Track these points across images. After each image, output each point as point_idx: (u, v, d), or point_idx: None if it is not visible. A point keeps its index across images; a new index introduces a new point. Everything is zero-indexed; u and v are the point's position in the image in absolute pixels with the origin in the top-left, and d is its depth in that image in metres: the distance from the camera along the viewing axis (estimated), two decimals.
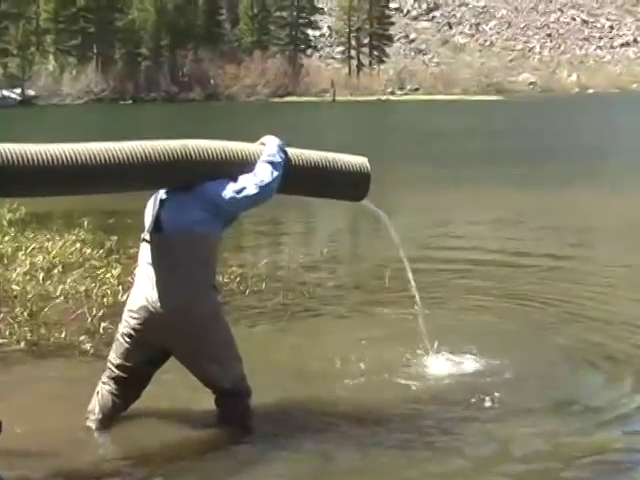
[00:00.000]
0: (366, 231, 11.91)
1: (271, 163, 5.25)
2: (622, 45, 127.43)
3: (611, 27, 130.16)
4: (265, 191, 5.21)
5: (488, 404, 5.80)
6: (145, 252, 5.25)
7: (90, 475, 4.85)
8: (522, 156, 24.08)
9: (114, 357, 5.34)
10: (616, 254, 10.61)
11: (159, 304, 5.13)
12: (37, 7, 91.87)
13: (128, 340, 5.25)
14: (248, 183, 5.18)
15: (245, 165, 5.25)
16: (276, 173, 5.24)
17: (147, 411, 5.48)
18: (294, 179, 5.40)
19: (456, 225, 13.21)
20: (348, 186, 5.66)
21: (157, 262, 5.16)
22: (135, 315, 5.21)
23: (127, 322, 5.26)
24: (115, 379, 5.33)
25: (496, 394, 5.90)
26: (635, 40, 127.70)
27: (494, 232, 12.42)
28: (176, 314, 5.12)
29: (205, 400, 5.42)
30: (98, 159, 4.91)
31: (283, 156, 5.31)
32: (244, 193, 5.17)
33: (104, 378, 5.38)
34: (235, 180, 5.19)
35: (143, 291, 5.20)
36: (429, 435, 5.37)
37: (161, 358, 5.36)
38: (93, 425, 5.34)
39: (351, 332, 7.42)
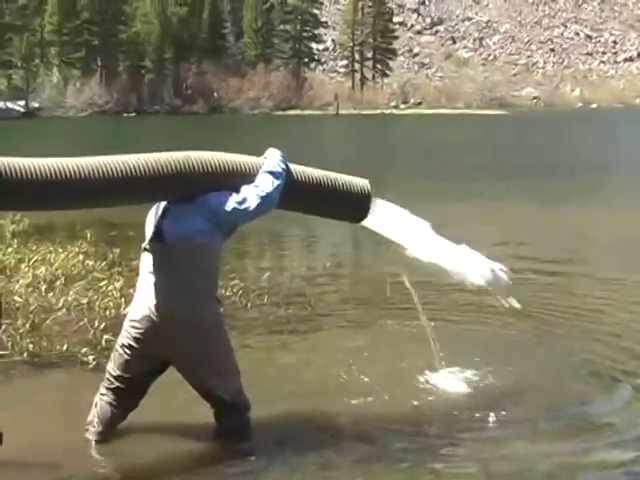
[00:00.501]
0: (367, 244, 11.90)
1: (272, 173, 5.28)
2: (625, 60, 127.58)
3: (614, 42, 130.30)
4: (266, 201, 5.23)
5: (492, 420, 5.80)
6: (146, 261, 5.27)
7: None
8: (523, 170, 24.08)
9: (113, 368, 5.35)
10: (613, 268, 10.61)
11: (160, 313, 5.14)
12: (41, 19, 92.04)
13: (128, 352, 5.26)
14: (249, 194, 5.20)
15: (247, 177, 5.28)
16: (277, 182, 5.26)
17: (146, 424, 5.49)
18: (295, 194, 5.42)
19: (457, 238, 13.19)
20: (348, 206, 5.67)
21: (158, 271, 5.18)
22: (137, 325, 5.22)
23: (128, 332, 5.26)
24: (113, 390, 5.33)
25: (501, 411, 5.90)
26: (639, 55, 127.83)
27: (494, 245, 12.41)
28: (177, 324, 5.14)
29: (204, 413, 5.42)
30: (100, 173, 4.93)
31: (284, 166, 5.34)
32: (246, 204, 5.19)
33: (102, 389, 5.39)
34: (237, 191, 5.22)
35: (145, 300, 5.21)
36: (430, 452, 5.36)
37: (160, 369, 5.36)
38: (92, 437, 5.35)
39: (353, 346, 7.42)
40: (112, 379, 5.34)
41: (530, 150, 32.90)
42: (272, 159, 5.37)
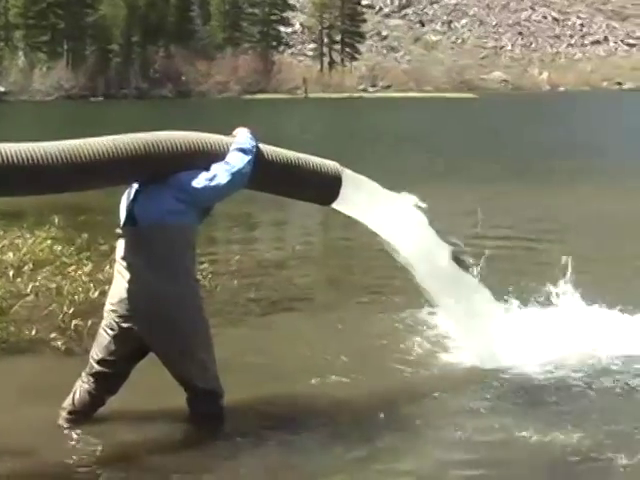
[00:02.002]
0: (337, 228, 11.91)
1: (242, 150, 5.27)
2: (593, 43, 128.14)
3: (582, 25, 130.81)
4: (237, 177, 5.21)
5: (464, 399, 5.84)
6: (121, 246, 5.24)
7: (58, 472, 4.84)
8: (492, 152, 24.18)
9: (96, 352, 5.33)
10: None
11: (139, 297, 5.14)
12: (6, 2, 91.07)
13: (109, 335, 5.24)
14: (220, 171, 5.18)
15: (217, 155, 5.26)
16: (247, 158, 5.24)
17: (119, 410, 5.46)
18: (266, 173, 5.41)
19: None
20: (318, 187, 5.66)
21: (134, 255, 5.16)
22: (115, 308, 5.21)
23: (108, 315, 5.26)
24: (95, 375, 5.31)
25: (476, 390, 5.95)
26: (605, 38, 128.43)
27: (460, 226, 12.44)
28: (157, 306, 5.13)
29: (179, 399, 5.39)
30: (67, 157, 4.88)
31: (254, 143, 5.33)
32: (216, 181, 5.16)
33: (83, 376, 5.36)
34: (208, 169, 5.21)
35: (123, 284, 5.19)
36: (400, 432, 5.37)
37: (141, 352, 5.34)
38: (66, 422, 5.33)
39: (322, 328, 7.46)
40: (94, 364, 5.32)
41: (496, 133, 32.99)
42: (241, 136, 5.36)
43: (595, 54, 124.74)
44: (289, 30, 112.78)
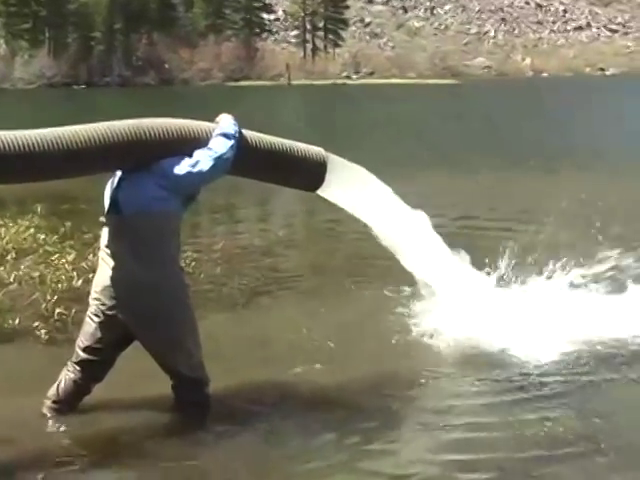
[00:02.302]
0: (321, 214, 11.89)
1: (224, 135, 5.24)
2: (575, 29, 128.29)
3: (564, 11, 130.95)
4: (219, 162, 5.18)
5: (449, 381, 5.89)
6: (105, 234, 5.23)
7: (42, 461, 4.83)
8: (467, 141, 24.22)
9: (81, 340, 5.32)
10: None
11: (124, 284, 5.13)
12: None
13: (96, 320, 5.23)
14: (202, 156, 5.15)
15: (200, 141, 5.23)
16: (230, 143, 5.21)
17: (103, 398, 5.45)
18: (250, 159, 5.39)
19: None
20: (303, 173, 5.64)
21: (118, 243, 5.14)
22: (99, 297, 5.21)
23: (93, 303, 5.25)
24: (80, 363, 5.30)
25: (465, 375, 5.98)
26: (588, 24, 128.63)
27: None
28: (142, 294, 5.12)
29: (164, 388, 5.39)
30: (51, 145, 4.86)
31: (237, 129, 5.31)
32: (199, 166, 5.13)
33: (69, 365, 5.36)
34: (191, 155, 5.19)
35: (107, 272, 5.18)
36: (389, 416, 5.39)
37: (126, 340, 5.32)
38: (50, 411, 5.33)
39: (306, 313, 7.46)
40: (80, 352, 5.31)
41: (478, 120, 33.02)
42: (225, 122, 5.34)
43: (578, 40, 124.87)
44: (272, 17, 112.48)
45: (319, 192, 5.78)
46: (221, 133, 5.26)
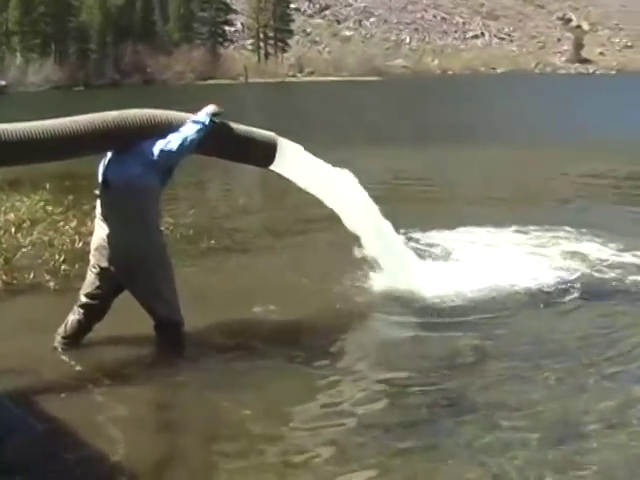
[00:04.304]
0: (274, 185, 11.84)
1: (194, 121, 5.24)
2: (473, 37, 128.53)
3: (464, 23, 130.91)
4: (185, 142, 5.16)
5: (393, 327, 5.80)
6: (99, 205, 5.23)
7: (53, 386, 4.81)
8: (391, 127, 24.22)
9: (84, 288, 5.32)
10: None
11: (113, 245, 5.12)
12: (5, 14, 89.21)
13: (94, 271, 5.25)
14: (173, 138, 5.15)
15: (175, 127, 5.22)
16: (197, 127, 5.20)
17: (102, 336, 5.44)
18: (216, 141, 5.39)
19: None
20: (257, 152, 5.63)
21: (109, 211, 5.15)
22: (96, 253, 5.22)
23: (92, 259, 5.26)
24: (83, 306, 5.30)
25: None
26: (482, 33, 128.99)
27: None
28: (126, 253, 5.12)
29: (149, 328, 5.34)
30: (52, 132, 4.85)
31: (207, 118, 5.27)
32: (169, 146, 5.13)
33: (74, 309, 5.34)
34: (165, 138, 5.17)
35: (101, 235, 5.19)
36: (336, 360, 5.26)
37: (120, 288, 5.30)
38: (60, 345, 5.32)
39: (262, 265, 7.44)
40: (82, 297, 5.31)
41: (393, 110, 32.99)
42: (200, 113, 5.32)
43: (475, 46, 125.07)
44: (232, 29, 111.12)
45: (272, 167, 5.78)
46: (193, 120, 5.24)
